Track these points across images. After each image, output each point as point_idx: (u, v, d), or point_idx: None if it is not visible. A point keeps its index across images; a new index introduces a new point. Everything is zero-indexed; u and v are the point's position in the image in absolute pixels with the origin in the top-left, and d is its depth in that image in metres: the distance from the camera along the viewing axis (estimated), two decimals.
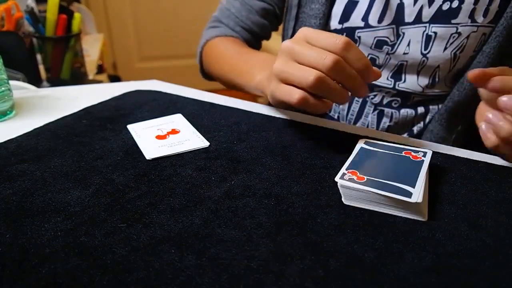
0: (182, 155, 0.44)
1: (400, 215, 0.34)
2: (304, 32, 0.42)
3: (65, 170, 0.41)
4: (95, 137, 0.48)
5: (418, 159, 0.39)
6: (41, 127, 0.51)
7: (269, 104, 0.60)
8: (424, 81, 0.61)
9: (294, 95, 0.41)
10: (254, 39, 0.73)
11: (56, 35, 0.94)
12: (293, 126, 0.51)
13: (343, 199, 0.36)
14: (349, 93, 0.42)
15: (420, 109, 0.63)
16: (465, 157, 0.44)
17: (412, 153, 0.40)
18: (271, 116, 0.54)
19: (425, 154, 0.40)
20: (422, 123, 0.65)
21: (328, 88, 0.40)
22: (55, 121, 0.53)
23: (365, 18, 0.58)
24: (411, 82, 0.61)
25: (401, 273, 0.28)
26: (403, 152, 0.41)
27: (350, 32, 0.60)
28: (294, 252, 0.30)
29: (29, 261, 0.29)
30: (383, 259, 0.29)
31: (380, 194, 0.34)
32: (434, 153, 0.42)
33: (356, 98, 0.66)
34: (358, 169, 0.37)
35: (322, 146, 0.46)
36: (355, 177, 0.36)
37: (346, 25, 0.60)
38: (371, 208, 0.35)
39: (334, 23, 0.61)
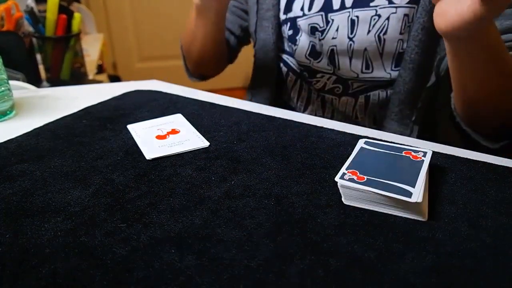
0: (182, 155, 0.44)
1: (400, 215, 0.34)
2: None
3: (65, 170, 0.41)
4: (95, 137, 0.48)
5: (418, 159, 0.39)
6: (41, 127, 0.51)
7: (269, 104, 0.60)
8: (357, 66, 0.63)
9: None
10: (236, 40, 0.79)
11: (56, 35, 0.94)
12: (293, 126, 0.51)
13: (343, 199, 0.36)
14: None
15: (360, 98, 0.65)
16: (465, 157, 0.44)
17: (412, 153, 0.40)
18: (271, 116, 0.54)
19: (425, 154, 0.40)
20: (366, 114, 0.66)
21: None
22: (55, 121, 0.53)
23: (302, 7, 0.64)
24: (345, 68, 0.64)
25: (401, 273, 0.28)
26: (403, 152, 0.41)
27: (292, 22, 0.66)
28: (294, 252, 0.30)
29: (29, 261, 0.29)
30: (383, 259, 0.29)
31: (380, 194, 0.34)
32: (434, 153, 0.42)
33: (305, 85, 0.69)
34: (358, 169, 0.37)
35: (322, 146, 0.46)
36: (355, 177, 0.36)
37: (289, 15, 0.66)
38: (371, 208, 0.35)
39: (281, 14, 0.67)
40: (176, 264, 0.29)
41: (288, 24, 0.66)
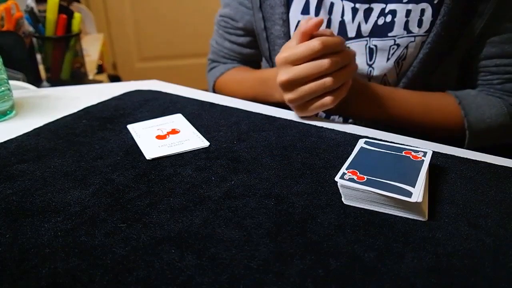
0: (182, 155, 0.44)
1: (400, 215, 0.34)
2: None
3: (65, 170, 0.41)
4: (95, 137, 0.48)
5: (418, 159, 0.39)
6: (41, 127, 0.51)
7: (269, 104, 0.60)
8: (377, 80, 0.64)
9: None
10: (252, 65, 0.79)
11: (56, 35, 0.94)
12: (293, 126, 0.51)
13: (343, 199, 0.36)
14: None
15: None
16: (465, 157, 0.44)
17: (412, 153, 0.40)
18: (271, 116, 0.54)
19: (425, 154, 0.40)
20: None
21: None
22: (55, 121, 0.53)
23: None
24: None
25: (401, 273, 0.28)
26: (403, 152, 0.41)
27: None
28: (294, 252, 0.30)
29: (29, 261, 0.29)
30: (383, 259, 0.29)
31: (380, 194, 0.34)
32: (434, 153, 0.42)
33: None
34: (358, 168, 0.37)
35: (322, 146, 0.46)
36: (355, 177, 0.36)
37: None
38: (371, 208, 0.35)
39: None
40: (176, 264, 0.29)
41: None
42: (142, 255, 0.30)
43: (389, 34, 0.59)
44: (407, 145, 0.43)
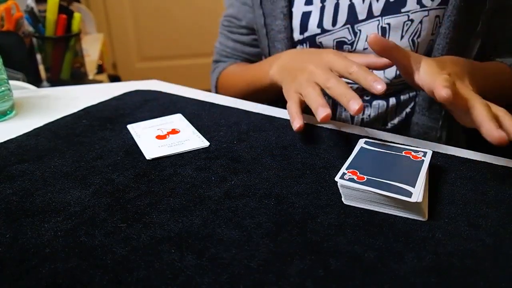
0: (182, 155, 0.44)
1: (400, 215, 0.34)
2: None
3: (65, 170, 0.41)
4: (95, 137, 0.48)
5: (418, 159, 0.39)
6: (41, 127, 0.51)
7: (269, 104, 0.60)
8: (390, 73, 0.62)
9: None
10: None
11: (56, 35, 0.94)
12: None
13: (343, 199, 0.36)
14: None
15: (392, 100, 0.65)
16: (465, 157, 0.44)
17: (412, 153, 0.40)
18: (271, 116, 0.54)
19: (425, 154, 0.40)
20: (397, 114, 0.66)
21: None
22: (55, 121, 0.53)
23: (320, 24, 0.62)
24: (378, 75, 0.62)
25: (401, 273, 0.28)
26: (403, 152, 0.41)
27: (311, 40, 0.65)
28: (294, 252, 0.30)
29: (29, 261, 0.29)
30: (383, 259, 0.29)
31: (380, 194, 0.34)
32: (434, 153, 0.42)
33: (327, 100, 0.68)
34: (358, 168, 0.37)
35: (322, 146, 0.46)
36: (355, 177, 0.36)
37: (306, 34, 0.65)
38: (371, 208, 0.35)
39: (297, 35, 0.66)
40: (176, 264, 0.29)
41: (308, 42, 0.65)
42: (142, 255, 0.30)
43: (402, 10, 0.57)
44: (407, 145, 0.43)
